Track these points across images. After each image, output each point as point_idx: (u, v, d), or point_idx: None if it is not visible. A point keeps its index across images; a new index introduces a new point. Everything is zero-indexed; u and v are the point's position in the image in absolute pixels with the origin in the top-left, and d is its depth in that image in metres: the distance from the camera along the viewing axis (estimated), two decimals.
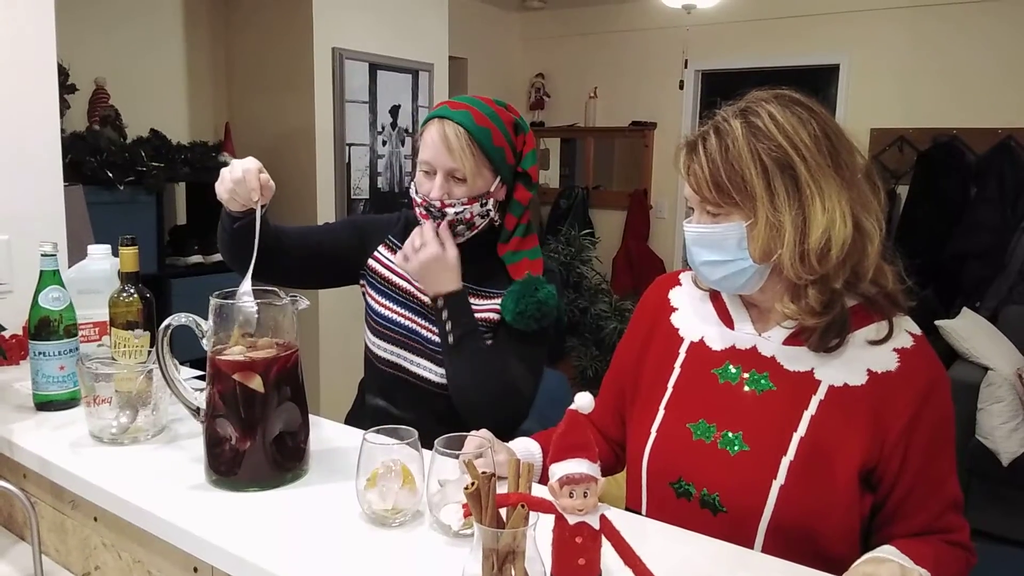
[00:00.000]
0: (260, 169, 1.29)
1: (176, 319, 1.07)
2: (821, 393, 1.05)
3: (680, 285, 1.25)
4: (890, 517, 1.04)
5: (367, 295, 1.51)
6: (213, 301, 1.05)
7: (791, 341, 1.08)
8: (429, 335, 1.43)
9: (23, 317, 1.43)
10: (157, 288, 2.78)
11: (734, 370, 1.11)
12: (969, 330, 3.45)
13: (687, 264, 1.16)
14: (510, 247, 1.42)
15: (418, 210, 1.41)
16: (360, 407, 1.56)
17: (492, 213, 1.41)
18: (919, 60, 4.42)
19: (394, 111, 3.87)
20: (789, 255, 1.01)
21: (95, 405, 1.20)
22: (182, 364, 1.37)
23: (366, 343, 1.52)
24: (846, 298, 1.05)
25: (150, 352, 1.27)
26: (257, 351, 1.05)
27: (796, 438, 1.03)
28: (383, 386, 1.48)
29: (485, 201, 1.39)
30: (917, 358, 1.05)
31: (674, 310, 1.22)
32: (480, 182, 1.37)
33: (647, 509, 1.14)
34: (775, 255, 1.02)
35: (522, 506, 0.74)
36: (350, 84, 3.60)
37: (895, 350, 1.05)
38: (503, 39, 5.74)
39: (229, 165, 1.30)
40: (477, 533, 0.75)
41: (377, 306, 1.48)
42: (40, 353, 1.32)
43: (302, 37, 3.44)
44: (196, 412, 1.08)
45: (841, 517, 1.01)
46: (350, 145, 3.65)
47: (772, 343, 1.10)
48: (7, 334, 1.58)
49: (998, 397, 3.19)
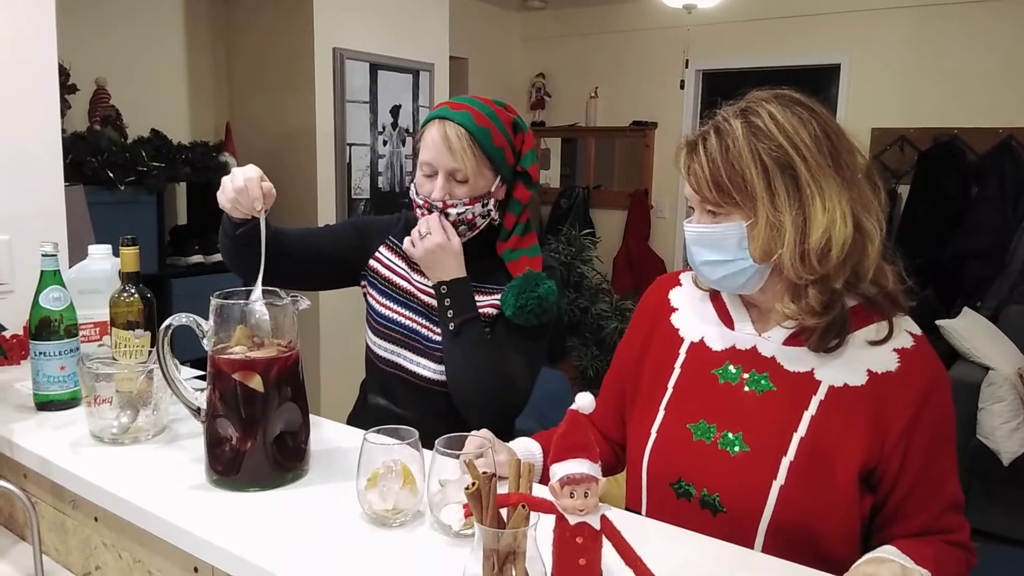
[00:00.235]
0: (262, 177, 1.28)
1: (177, 319, 1.07)
2: (821, 393, 1.05)
3: (680, 285, 1.25)
4: (890, 517, 1.04)
5: (369, 296, 1.52)
6: (214, 301, 1.05)
7: (791, 341, 1.08)
8: (429, 334, 1.43)
9: (24, 317, 1.43)
10: (158, 288, 2.79)
11: (734, 370, 1.11)
12: (970, 330, 3.45)
13: (687, 264, 1.16)
14: (509, 245, 1.43)
15: (419, 211, 1.41)
16: (362, 407, 1.56)
17: (493, 213, 1.41)
18: (920, 60, 4.42)
19: (395, 111, 3.87)
20: (789, 255, 1.01)
21: (96, 405, 1.20)
22: (182, 364, 1.37)
23: (367, 343, 1.52)
24: (846, 298, 1.05)
25: (151, 352, 1.27)
26: (258, 351, 1.05)
27: (796, 438, 1.03)
28: (384, 385, 1.49)
29: (486, 201, 1.39)
30: (917, 358, 1.05)
31: (674, 310, 1.22)
32: (481, 182, 1.37)
33: (647, 510, 1.14)
34: (775, 255, 1.02)
35: (523, 506, 0.74)
36: (351, 84, 3.61)
37: (895, 350, 1.04)
38: (504, 39, 5.74)
39: (230, 173, 1.29)
40: (478, 533, 0.75)
41: (379, 306, 1.48)
42: (41, 353, 1.32)
43: (303, 37, 3.44)
44: (197, 412, 1.08)
45: (841, 518, 1.01)
46: (351, 145, 3.65)
47: (772, 343, 1.10)
48: (8, 334, 1.58)
49: (999, 397, 3.19)
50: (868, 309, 1.07)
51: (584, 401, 0.77)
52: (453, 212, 1.37)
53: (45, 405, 1.34)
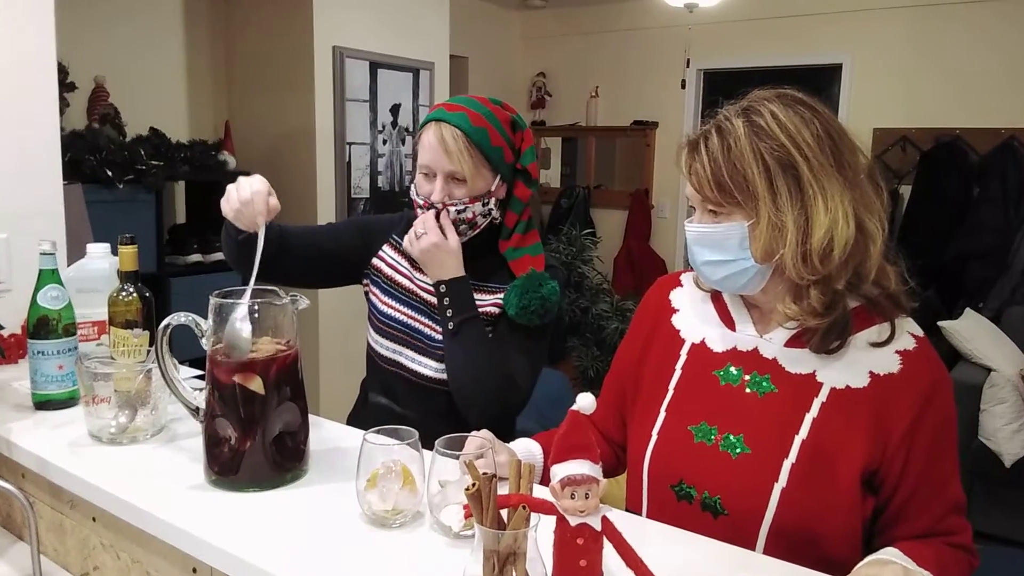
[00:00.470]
0: (269, 191, 1.27)
1: (175, 318, 1.07)
2: (823, 395, 1.04)
3: (681, 286, 1.25)
4: (892, 519, 1.04)
5: (371, 294, 1.51)
6: (213, 300, 1.05)
7: (793, 343, 1.08)
8: (431, 332, 1.43)
9: (22, 316, 1.42)
10: (156, 287, 2.78)
11: (735, 372, 1.11)
12: (972, 331, 3.45)
13: (688, 264, 1.16)
14: (511, 244, 1.43)
15: (419, 212, 1.41)
16: (363, 406, 1.56)
17: (494, 211, 1.41)
18: (922, 60, 4.42)
19: (395, 110, 3.86)
20: (791, 255, 1.00)
21: (94, 404, 1.20)
22: (181, 364, 1.36)
23: (368, 341, 1.52)
24: (848, 299, 1.05)
25: (149, 351, 1.27)
26: (257, 351, 1.04)
27: (798, 440, 1.03)
28: (385, 384, 1.49)
29: (487, 200, 1.39)
30: (919, 360, 1.04)
31: (675, 311, 1.22)
32: (480, 182, 1.37)
33: (648, 511, 1.14)
34: (777, 255, 1.02)
35: (523, 507, 0.73)
36: (350, 83, 3.60)
37: (897, 352, 1.04)
38: (504, 38, 5.73)
39: (236, 182, 1.28)
40: (478, 534, 0.75)
41: (381, 305, 1.48)
42: (39, 352, 1.31)
43: (302, 35, 3.44)
44: (195, 412, 1.08)
45: (843, 520, 1.01)
46: (350, 144, 3.65)
47: (774, 345, 1.09)
48: (6, 333, 1.58)
49: (1001, 398, 3.18)
50: (870, 310, 1.06)
51: (585, 402, 0.77)
52: (453, 211, 1.37)
53: (43, 404, 1.33)
